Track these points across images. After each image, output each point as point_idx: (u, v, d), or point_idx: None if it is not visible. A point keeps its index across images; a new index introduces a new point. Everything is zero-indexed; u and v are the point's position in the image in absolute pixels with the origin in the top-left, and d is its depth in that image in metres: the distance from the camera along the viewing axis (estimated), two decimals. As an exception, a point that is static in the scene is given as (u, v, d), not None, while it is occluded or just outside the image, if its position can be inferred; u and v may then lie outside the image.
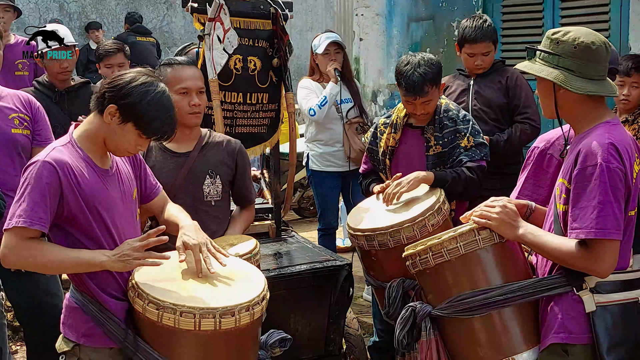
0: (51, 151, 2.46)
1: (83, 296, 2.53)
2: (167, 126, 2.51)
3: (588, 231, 2.30)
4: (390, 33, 7.24)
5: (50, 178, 2.39)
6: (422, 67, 3.40)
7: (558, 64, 2.42)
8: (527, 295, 2.50)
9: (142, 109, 2.45)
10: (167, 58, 3.32)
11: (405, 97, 3.46)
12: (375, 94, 7.42)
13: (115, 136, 2.50)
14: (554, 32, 2.47)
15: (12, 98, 3.61)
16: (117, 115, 2.46)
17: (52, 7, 11.26)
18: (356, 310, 4.88)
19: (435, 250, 2.59)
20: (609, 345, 2.36)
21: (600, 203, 2.29)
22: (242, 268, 2.73)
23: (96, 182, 2.51)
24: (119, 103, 2.45)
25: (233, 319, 2.39)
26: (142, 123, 2.46)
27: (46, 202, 2.38)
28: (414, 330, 2.71)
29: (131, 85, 2.46)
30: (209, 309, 2.37)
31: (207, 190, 3.26)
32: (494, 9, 6.33)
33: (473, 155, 3.49)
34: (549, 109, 2.52)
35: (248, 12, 3.85)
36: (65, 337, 2.58)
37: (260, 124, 3.99)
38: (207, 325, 2.36)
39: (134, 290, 2.46)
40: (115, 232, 2.54)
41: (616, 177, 2.30)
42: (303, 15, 13.35)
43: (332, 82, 4.96)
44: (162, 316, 2.36)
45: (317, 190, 5.28)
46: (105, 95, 2.49)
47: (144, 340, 2.47)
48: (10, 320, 4.63)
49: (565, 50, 2.41)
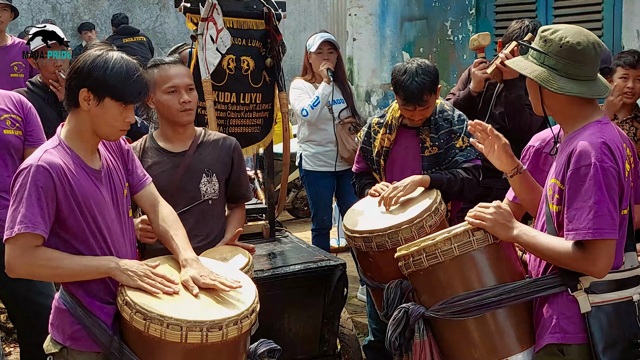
0: (43, 154, 2.43)
1: (71, 298, 2.51)
2: (140, 85, 2.49)
3: (585, 232, 2.29)
4: (384, 33, 7.25)
5: (45, 182, 2.37)
6: (420, 77, 3.38)
7: (544, 62, 2.42)
8: (522, 295, 2.49)
9: (109, 78, 2.43)
10: (151, 60, 3.31)
11: (404, 106, 3.47)
12: (369, 93, 7.43)
13: (100, 119, 2.47)
14: (545, 29, 2.47)
15: (4, 99, 3.59)
16: (91, 97, 2.44)
17: (45, 8, 11.22)
18: (350, 310, 4.87)
19: (429, 251, 2.57)
20: (604, 345, 2.36)
21: (595, 203, 2.28)
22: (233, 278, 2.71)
23: (88, 183, 2.49)
24: (86, 84, 2.43)
25: (220, 332, 2.35)
26: (117, 91, 2.44)
27: (44, 207, 2.36)
28: (407, 331, 2.68)
29: (88, 63, 2.45)
30: (196, 322, 2.33)
31: (204, 188, 3.25)
32: (487, 8, 6.35)
33: (468, 154, 3.49)
34: (536, 107, 2.53)
35: (241, 12, 3.85)
36: (53, 339, 2.56)
37: (254, 124, 3.98)
38: (194, 338, 2.32)
39: (122, 298, 2.43)
40: (107, 233, 2.52)
41: (610, 177, 2.30)
42: (296, 16, 13.34)
43: (324, 82, 4.95)
44: (149, 327, 2.33)
45: (310, 190, 5.27)
46: (71, 85, 2.47)
47: (130, 348, 2.44)
48: (3, 322, 4.62)
49: (551, 49, 2.41)
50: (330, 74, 4.93)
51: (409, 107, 3.44)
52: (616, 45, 5.35)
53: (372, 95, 7.41)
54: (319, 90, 4.96)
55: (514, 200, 2.84)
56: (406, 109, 3.48)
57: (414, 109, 3.45)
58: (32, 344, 3.71)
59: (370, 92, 7.43)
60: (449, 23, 6.59)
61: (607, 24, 5.49)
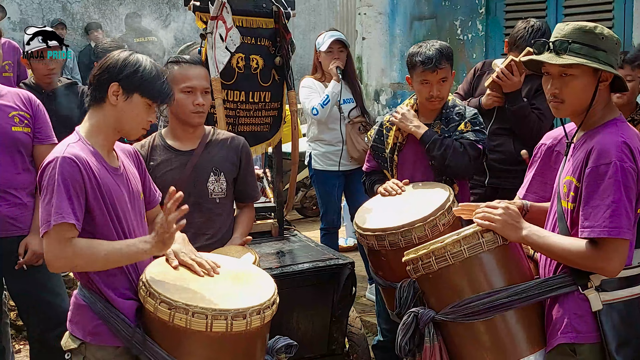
0: (67, 147, 2.44)
1: (91, 294, 2.52)
2: (167, 86, 2.57)
3: (601, 230, 2.27)
4: (393, 32, 7.23)
5: (73, 173, 2.38)
6: (438, 44, 3.51)
7: (605, 59, 2.38)
8: (533, 296, 2.46)
9: (141, 75, 2.50)
10: (174, 55, 3.31)
11: (422, 74, 3.45)
12: (378, 93, 7.41)
13: (125, 114, 2.52)
14: (592, 26, 2.41)
15: (12, 96, 3.60)
16: (120, 92, 2.50)
17: (55, 8, 11.27)
18: (359, 310, 4.87)
19: (438, 254, 2.53)
20: (617, 344, 2.34)
21: (613, 202, 2.26)
22: (252, 271, 2.72)
23: (110, 179, 2.50)
24: (118, 79, 2.49)
25: (244, 321, 2.37)
26: (146, 89, 2.51)
27: (74, 198, 2.37)
28: (416, 336, 2.65)
29: (121, 60, 2.52)
30: (221, 310, 2.35)
31: (212, 187, 3.26)
32: (497, 7, 6.32)
33: (468, 137, 3.49)
34: (580, 106, 2.42)
35: (250, 10, 3.85)
36: (72, 335, 2.57)
37: (263, 123, 3.98)
38: (219, 327, 2.34)
39: (145, 290, 2.44)
40: (128, 230, 2.54)
41: (629, 177, 2.28)
42: (306, 15, 13.33)
43: (333, 80, 4.94)
44: (174, 316, 2.34)
45: (319, 190, 5.27)
46: (101, 80, 2.52)
47: (152, 340, 2.45)
48: (13, 320, 4.63)
49: (610, 46, 2.39)
50: (340, 72, 4.93)
51: (428, 72, 3.43)
52: (627, 44, 5.31)
53: (382, 95, 7.39)
54: (328, 89, 4.95)
55: (524, 198, 2.82)
56: (425, 79, 3.46)
57: (433, 73, 3.43)
58: (41, 341, 3.72)
59: (379, 92, 7.41)
60: (459, 22, 6.57)
61: (617, 23, 5.46)
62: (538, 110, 4.00)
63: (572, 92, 2.42)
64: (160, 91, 2.54)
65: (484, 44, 6.45)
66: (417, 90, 3.56)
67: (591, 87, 2.40)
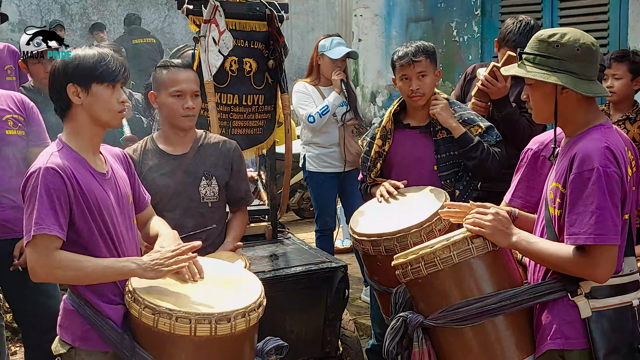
0: (50, 157, 2.44)
1: (79, 299, 2.52)
2: (117, 62, 2.55)
3: (587, 236, 2.27)
4: (389, 34, 7.24)
5: (56, 183, 2.38)
6: (419, 42, 3.54)
7: (559, 67, 2.37)
8: (522, 302, 2.46)
9: (87, 64, 2.49)
10: (162, 60, 3.32)
11: (401, 69, 3.45)
12: (374, 94, 7.42)
13: (95, 107, 2.50)
14: (549, 34, 2.41)
15: (6, 99, 3.60)
16: (79, 89, 2.49)
17: (54, 9, 11.29)
18: (354, 312, 4.87)
19: (427, 259, 2.52)
20: (606, 351, 2.34)
21: (598, 208, 2.26)
22: (239, 274, 2.73)
23: (95, 185, 2.49)
24: (70, 79, 2.49)
25: (229, 325, 2.38)
26: (99, 73, 2.49)
27: (57, 208, 2.37)
28: (404, 340, 2.64)
29: (64, 62, 2.52)
30: (205, 314, 2.36)
31: (204, 191, 3.26)
32: (492, 9, 6.33)
33: (489, 140, 3.48)
34: (545, 114, 2.46)
35: (243, 13, 3.84)
36: (61, 340, 2.58)
37: (256, 126, 3.98)
38: (203, 331, 2.35)
39: (130, 295, 2.45)
40: (115, 237, 2.54)
41: (613, 182, 2.28)
42: (304, 16, 13.34)
43: (335, 91, 4.96)
44: (158, 321, 2.35)
45: (313, 192, 5.27)
46: (57, 88, 2.51)
47: (140, 345, 2.46)
48: (9, 322, 4.64)
49: (567, 53, 2.36)
50: (343, 85, 4.95)
51: (405, 67, 3.42)
52: (622, 46, 5.31)
53: (378, 96, 7.40)
54: (329, 100, 4.96)
55: (510, 203, 2.82)
56: (404, 74, 3.45)
57: (410, 65, 3.41)
58: (36, 344, 3.73)
59: (375, 93, 7.42)
60: (455, 24, 6.57)
61: (613, 25, 5.46)
62: (528, 114, 3.99)
63: (534, 100, 2.47)
64: (111, 70, 2.51)
65: (479, 45, 6.45)
66: (400, 88, 3.54)
67: (551, 96, 2.40)
